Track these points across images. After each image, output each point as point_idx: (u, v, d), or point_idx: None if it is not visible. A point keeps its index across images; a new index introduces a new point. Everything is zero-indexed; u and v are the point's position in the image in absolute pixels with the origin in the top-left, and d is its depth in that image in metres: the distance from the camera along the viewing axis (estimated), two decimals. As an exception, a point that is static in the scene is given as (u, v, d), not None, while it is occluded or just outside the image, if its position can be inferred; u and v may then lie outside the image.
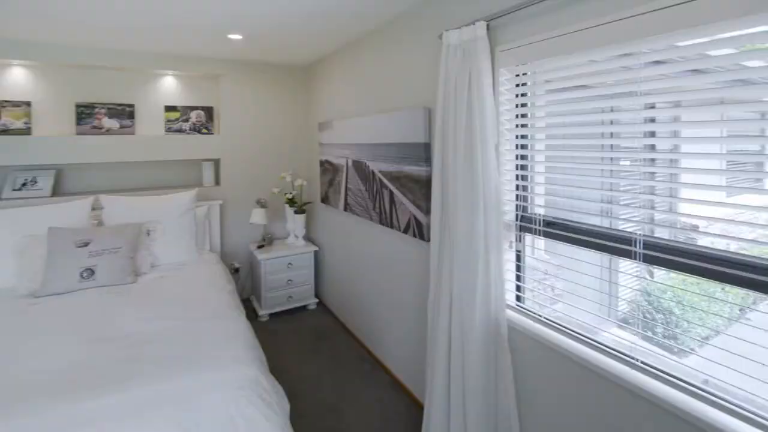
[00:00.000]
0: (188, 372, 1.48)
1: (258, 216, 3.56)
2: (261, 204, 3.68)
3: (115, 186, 3.39)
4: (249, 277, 3.77)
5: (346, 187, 3.12)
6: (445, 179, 1.81)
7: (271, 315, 3.48)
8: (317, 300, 3.71)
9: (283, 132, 3.97)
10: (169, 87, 3.61)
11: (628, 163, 1.66)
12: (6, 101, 3.01)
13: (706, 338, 1.57)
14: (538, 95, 1.67)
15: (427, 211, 2.17)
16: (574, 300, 1.54)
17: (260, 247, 3.59)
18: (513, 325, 1.64)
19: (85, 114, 3.24)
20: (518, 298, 1.74)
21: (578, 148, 1.49)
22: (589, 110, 1.45)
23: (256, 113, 3.82)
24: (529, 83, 1.69)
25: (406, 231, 2.35)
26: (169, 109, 3.56)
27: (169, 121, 3.55)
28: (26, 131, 3.04)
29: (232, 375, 1.49)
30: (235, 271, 3.72)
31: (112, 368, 1.50)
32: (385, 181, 2.55)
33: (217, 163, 3.74)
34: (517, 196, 1.74)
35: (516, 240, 1.74)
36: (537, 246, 1.74)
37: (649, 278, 1.88)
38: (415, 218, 2.26)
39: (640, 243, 1.28)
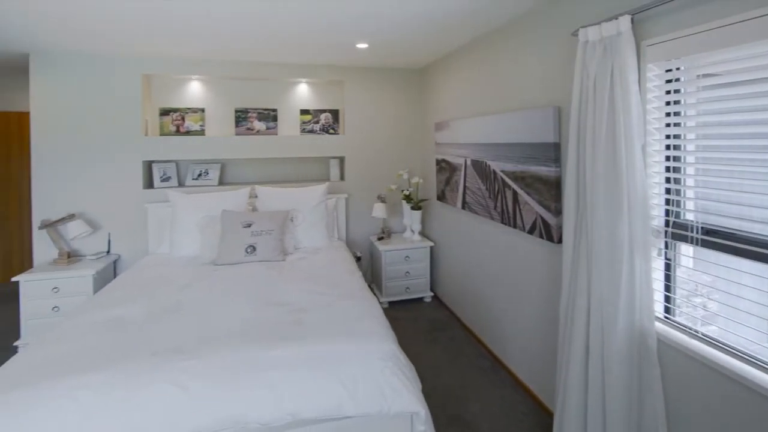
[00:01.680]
0: (342, 339, 1.72)
1: (379, 210, 3.84)
2: (381, 199, 3.96)
3: (262, 178, 4.00)
4: (369, 266, 4.09)
5: (465, 186, 3.18)
6: (581, 180, 1.77)
7: (391, 303, 3.74)
8: (432, 293, 3.87)
9: (399, 132, 4.19)
10: (303, 93, 4.10)
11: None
12: (188, 108, 3.77)
13: None
14: (691, 92, 1.53)
15: (557, 212, 2.13)
16: (737, 315, 1.40)
17: (380, 239, 3.87)
18: (661, 338, 1.55)
19: (241, 118, 3.88)
20: (667, 310, 1.63)
21: (745, 149, 1.34)
22: (759, 107, 1.29)
23: (376, 114, 4.11)
24: (682, 79, 1.56)
25: (531, 232, 2.33)
26: (303, 112, 4.05)
27: (303, 122, 4.04)
28: (201, 132, 3.77)
29: (377, 347, 1.68)
30: (357, 260, 4.08)
31: (282, 328, 1.82)
32: (508, 180, 2.56)
33: (342, 160, 4.14)
34: (666, 200, 1.62)
35: (665, 247, 1.62)
36: (690, 254, 1.60)
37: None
38: (542, 219, 2.23)
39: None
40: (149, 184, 3.67)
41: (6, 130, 4.50)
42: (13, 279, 2.93)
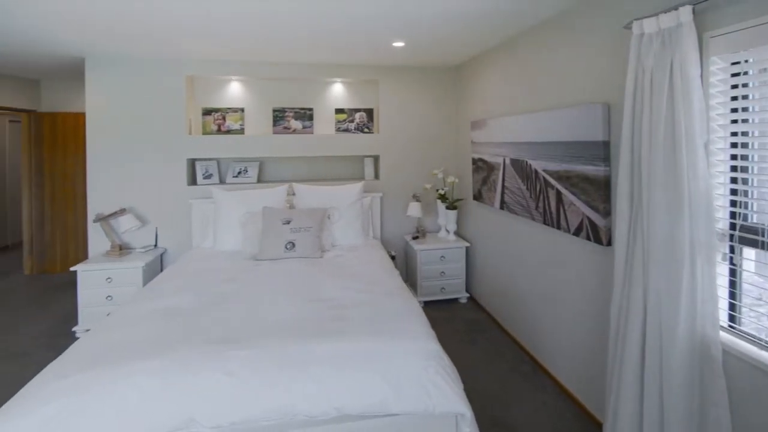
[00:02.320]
0: (386, 336, 1.72)
1: (414, 209, 3.83)
2: (416, 198, 3.94)
3: (298, 176, 4.07)
4: (404, 265, 4.08)
5: (503, 186, 3.12)
6: (636, 180, 1.69)
7: (426, 303, 3.72)
8: (468, 294, 3.82)
9: (433, 130, 4.16)
10: (338, 92, 4.15)
11: None
12: (228, 108, 3.89)
13: None
14: (760, 86, 1.43)
15: (606, 214, 2.05)
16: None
17: (415, 238, 3.86)
18: (726, 348, 1.46)
19: (278, 117, 3.97)
20: (731, 318, 1.53)
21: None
22: None
23: (410, 113, 4.10)
24: (750, 72, 1.46)
25: (577, 233, 2.26)
26: (339, 111, 4.09)
27: (338, 121, 4.08)
28: (241, 131, 3.89)
29: (421, 346, 1.67)
30: (392, 259, 4.08)
31: (326, 323, 1.84)
32: (551, 180, 2.49)
33: (376, 159, 4.15)
34: (732, 202, 1.53)
35: (730, 252, 1.53)
36: (758, 259, 1.50)
37: None
38: (589, 220, 2.16)
39: None
40: (192, 181, 3.82)
41: (63, 130, 4.80)
42: (72, 269, 3.13)
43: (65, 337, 3.15)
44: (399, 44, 3.20)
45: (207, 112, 3.86)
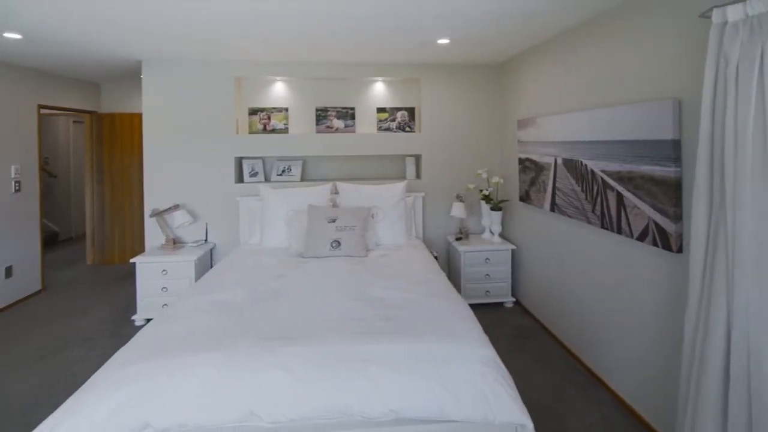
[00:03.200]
0: (440, 339, 1.67)
1: (458, 210, 3.75)
2: (460, 198, 3.86)
3: (340, 175, 4.10)
4: (446, 266, 4.01)
5: (554, 187, 2.99)
6: (717, 182, 1.55)
7: (469, 306, 3.62)
8: (514, 299, 3.71)
9: (477, 130, 4.07)
10: (379, 91, 4.14)
11: None
12: (273, 108, 3.97)
13: None
14: None
15: (677, 218, 1.91)
16: None
17: (458, 239, 3.78)
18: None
19: (321, 116, 4.01)
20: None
21: None
22: None
23: (452, 112, 4.03)
24: None
25: (641, 238, 2.11)
26: (380, 110, 4.08)
27: (380, 120, 4.07)
28: (285, 131, 3.96)
29: (477, 351, 1.61)
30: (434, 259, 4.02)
31: (378, 323, 1.81)
32: (610, 181, 2.35)
33: (418, 158, 4.10)
34: (835, 206, 1.37)
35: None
36: None
37: None
38: (656, 224, 2.01)
39: None
40: (240, 178, 3.93)
41: (120, 129, 5.09)
42: (132, 260, 3.30)
43: (125, 324, 3.33)
44: (444, 41, 3.14)
45: (253, 111, 3.96)
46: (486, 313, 3.50)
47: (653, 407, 2.09)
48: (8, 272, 3.72)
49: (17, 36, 2.88)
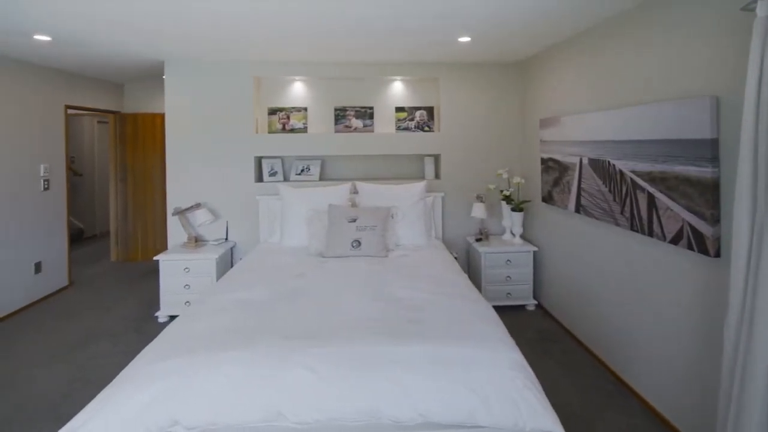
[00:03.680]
0: (466, 342, 1.63)
1: (478, 210, 3.70)
2: (480, 199, 3.81)
3: (358, 174, 4.08)
4: (465, 267, 3.96)
5: (579, 187, 2.92)
6: (762, 184, 1.48)
7: (490, 308, 3.58)
8: (536, 302, 3.64)
9: (497, 129, 4.01)
10: (398, 90, 4.11)
11: None
12: (292, 108, 3.99)
13: None
14: None
15: (714, 221, 1.83)
16: None
17: (478, 240, 3.73)
18: None
19: (340, 116, 4.01)
20: None
21: None
22: None
23: (471, 111, 3.97)
24: None
25: (675, 242, 2.04)
26: (399, 110, 4.06)
27: (398, 120, 4.04)
28: (304, 130, 3.97)
29: (506, 355, 1.57)
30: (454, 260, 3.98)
31: (400, 325, 1.78)
32: (641, 182, 2.27)
33: (437, 158, 4.06)
34: None
35: None
36: None
37: None
38: (691, 227, 1.94)
39: None
40: (259, 178, 3.95)
41: (143, 129, 5.18)
42: (155, 258, 3.36)
43: (148, 320, 3.39)
44: (465, 39, 3.09)
45: (272, 111, 3.98)
46: (507, 315, 3.44)
47: (689, 419, 2.01)
48: (38, 268, 3.83)
49: (47, 38, 2.95)
